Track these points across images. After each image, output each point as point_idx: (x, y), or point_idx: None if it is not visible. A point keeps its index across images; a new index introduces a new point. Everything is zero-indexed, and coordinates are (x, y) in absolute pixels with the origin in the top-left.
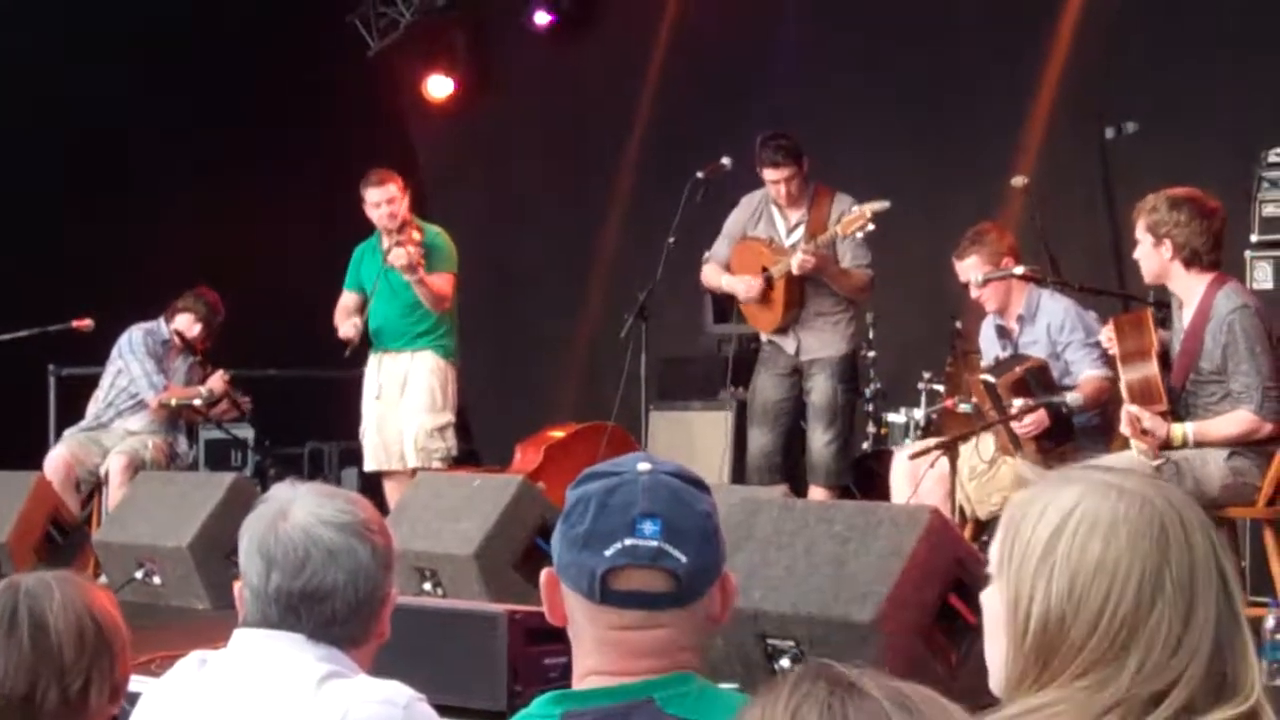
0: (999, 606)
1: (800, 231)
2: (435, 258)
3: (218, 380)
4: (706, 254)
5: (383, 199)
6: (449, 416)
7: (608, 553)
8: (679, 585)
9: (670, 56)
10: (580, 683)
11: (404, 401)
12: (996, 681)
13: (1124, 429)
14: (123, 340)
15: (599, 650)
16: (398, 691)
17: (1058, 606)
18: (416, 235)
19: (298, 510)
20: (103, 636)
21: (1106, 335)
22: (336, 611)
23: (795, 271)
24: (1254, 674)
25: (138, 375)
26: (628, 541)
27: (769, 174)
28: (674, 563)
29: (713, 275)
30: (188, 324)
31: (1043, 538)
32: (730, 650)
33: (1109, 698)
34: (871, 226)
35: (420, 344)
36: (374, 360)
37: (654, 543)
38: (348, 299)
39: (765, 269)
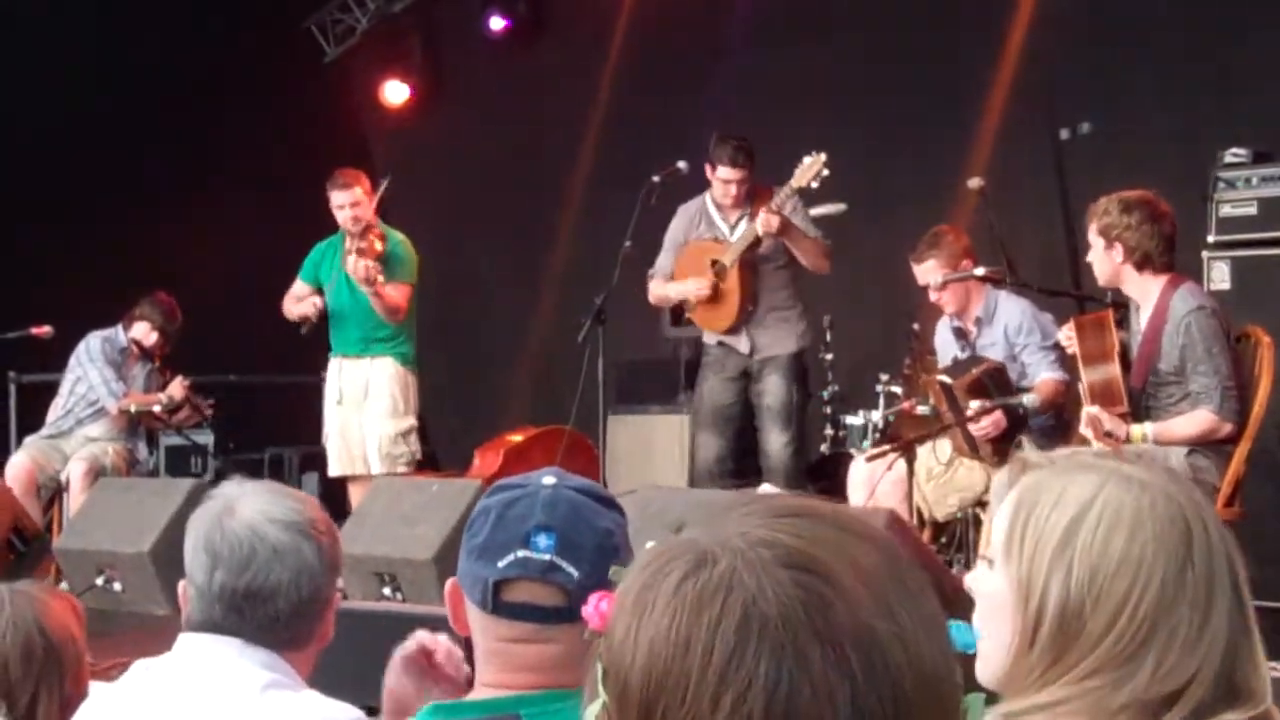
0: (1003, 592)
1: (744, 225)
2: (393, 267)
3: (177, 387)
4: (650, 271)
5: (346, 201)
6: (411, 421)
7: (500, 564)
8: (570, 600)
9: (624, 61)
10: (474, 694)
11: (366, 407)
12: (990, 672)
13: (1084, 430)
14: (80, 348)
15: (488, 661)
16: (342, 712)
17: (1076, 598)
18: (378, 245)
19: (245, 507)
20: (52, 652)
21: (1066, 335)
22: (280, 611)
23: (760, 231)
24: (1265, 681)
25: (96, 383)
26: (520, 554)
27: (726, 173)
28: (566, 577)
29: (659, 288)
30: (144, 333)
31: (1061, 525)
32: None
33: (1124, 697)
34: (825, 172)
35: (378, 350)
36: (334, 365)
37: (546, 556)
38: (299, 288)
39: (715, 260)
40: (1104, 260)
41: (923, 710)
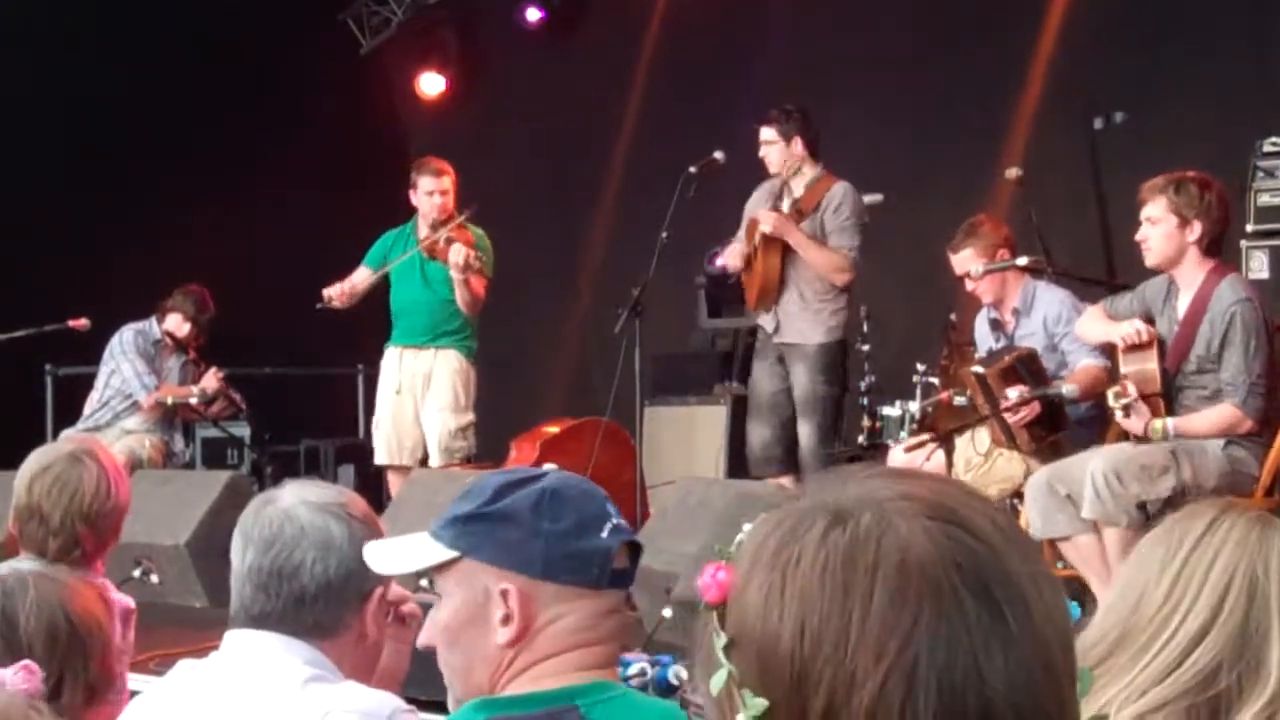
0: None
1: (787, 205)
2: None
3: (211, 379)
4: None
5: (437, 188)
6: (471, 416)
7: (603, 535)
8: (633, 561)
9: (660, 52)
10: (524, 687)
11: (428, 400)
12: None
13: (1114, 403)
14: (114, 341)
15: (573, 645)
16: (382, 702)
17: None
18: (469, 234)
19: (284, 495)
20: (77, 636)
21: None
22: (304, 589)
23: (762, 227)
24: None
25: (129, 376)
26: (614, 522)
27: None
28: (634, 540)
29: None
30: (177, 324)
31: None
32: None
33: None
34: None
35: (444, 342)
36: (393, 354)
37: (624, 522)
38: (360, 273)
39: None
40: (1173, 238)
41: (1057, 664)
